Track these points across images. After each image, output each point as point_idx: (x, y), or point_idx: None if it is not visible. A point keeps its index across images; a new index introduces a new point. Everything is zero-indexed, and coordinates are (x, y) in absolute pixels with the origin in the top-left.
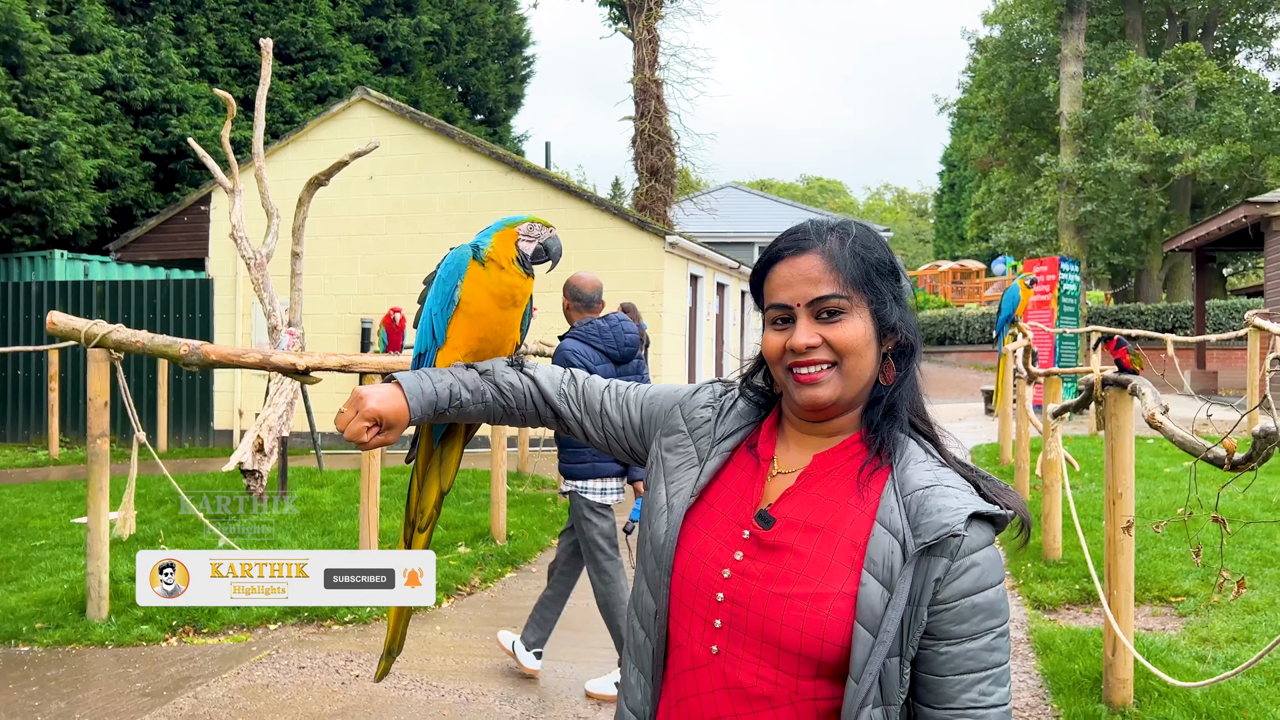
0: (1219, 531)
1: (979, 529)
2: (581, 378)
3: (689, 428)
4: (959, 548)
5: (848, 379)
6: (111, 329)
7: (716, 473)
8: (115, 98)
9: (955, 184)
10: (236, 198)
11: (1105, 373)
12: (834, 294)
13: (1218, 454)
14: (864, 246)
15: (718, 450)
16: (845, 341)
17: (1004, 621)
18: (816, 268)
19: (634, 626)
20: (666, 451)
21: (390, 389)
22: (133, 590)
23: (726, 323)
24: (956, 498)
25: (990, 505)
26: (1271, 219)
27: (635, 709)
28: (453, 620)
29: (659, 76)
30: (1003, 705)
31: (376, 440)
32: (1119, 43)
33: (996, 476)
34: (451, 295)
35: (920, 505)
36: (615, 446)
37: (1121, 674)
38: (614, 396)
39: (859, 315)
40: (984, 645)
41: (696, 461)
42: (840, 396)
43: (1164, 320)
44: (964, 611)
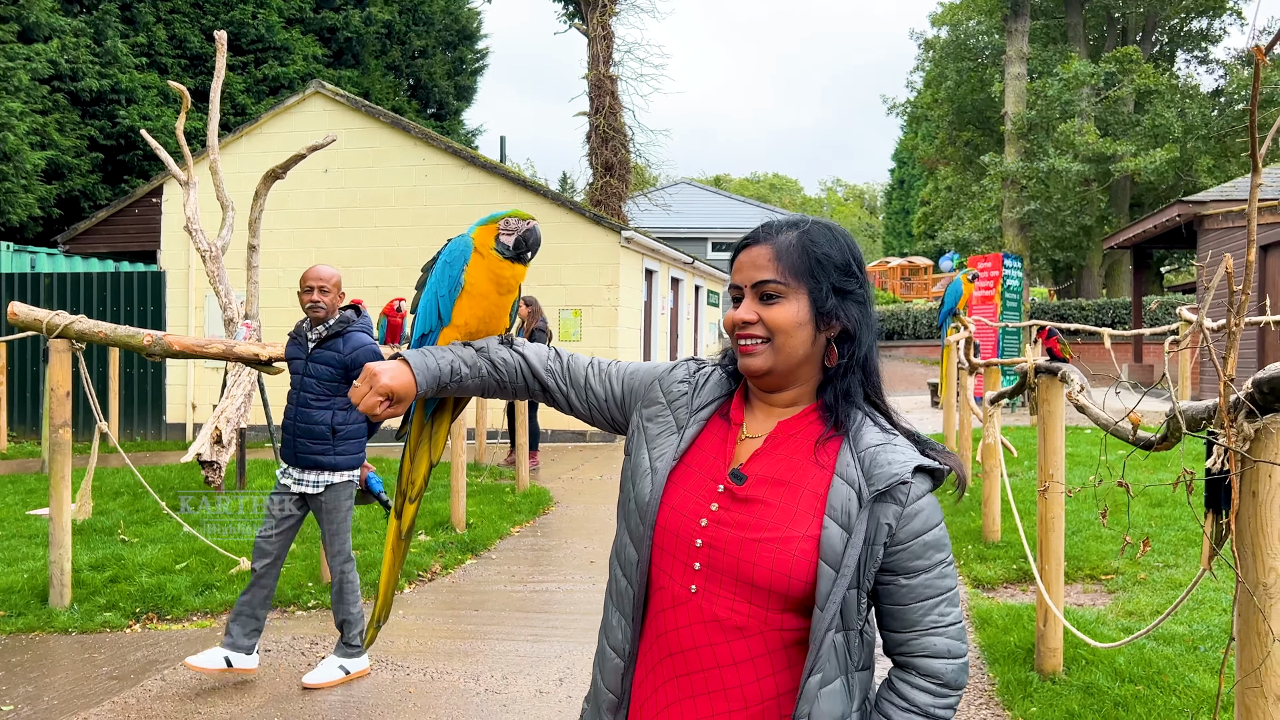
0: (1147, 514)
1: (922, 479)
2: (566, 355)
3: (667, 399)
4: (908, 495)
5: (778, 354)
6: (74, 319)
7: (694, 438)
8: (63, 88)
9: (905, 180)
10: (191, 190)
11: (1038, 361)
12: (772, 279)
13: (1124, 428)
14: (812, 241)
15: (695, 419)
16: (776, 321)
17: (949, 554)
18: (764, 256)
19: (616, 575)
20: (647, 421)
21: (399, 365)
22: (94, 579)
23: (681, 317)
24: (903, 453)
25: (932, 460)
26: (1204, 218)
27: (616, 646)
28: (415, 605)
29: (614, 73)
30: (958, 623)
31: (387, 413)
32: (1061, 45)
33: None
34: (458, 279)
35: (873, 459)
36: (598, 417)
37: (1052, 643)
38: (597, 372)
39: (795, 301)
40: (937, 574)
41: (675, 429)
42: (772, 367)
43: (1104, 316)
44: (917, 549)
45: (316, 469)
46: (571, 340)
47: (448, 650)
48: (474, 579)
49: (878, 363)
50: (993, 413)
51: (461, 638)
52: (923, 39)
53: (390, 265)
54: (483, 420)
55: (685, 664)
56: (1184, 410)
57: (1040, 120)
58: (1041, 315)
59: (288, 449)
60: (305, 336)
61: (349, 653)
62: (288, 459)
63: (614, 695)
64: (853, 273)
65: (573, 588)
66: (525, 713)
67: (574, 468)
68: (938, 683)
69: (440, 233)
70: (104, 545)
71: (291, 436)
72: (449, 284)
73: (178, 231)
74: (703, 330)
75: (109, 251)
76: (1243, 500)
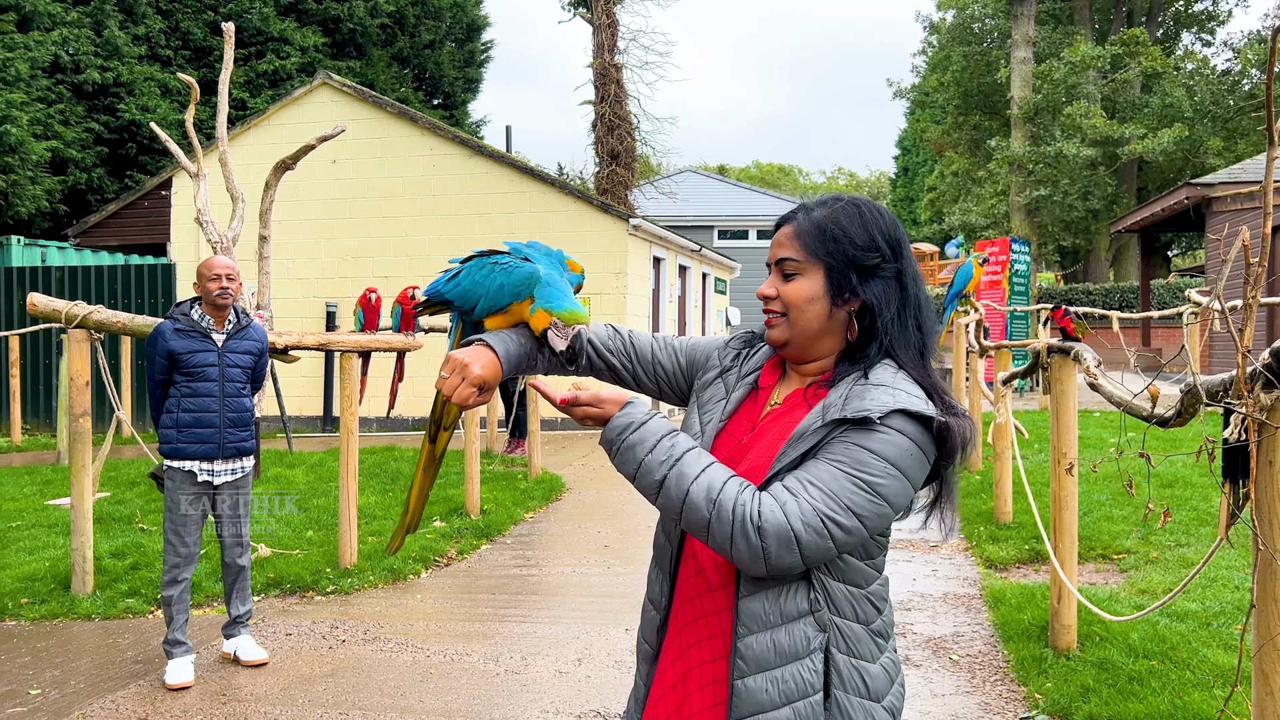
0: (1159, 495)
1: (905, 423)
2: (625, 331)
3: (721, 367)
4: (875, 428)
5: (794, 327)
6: (92, 309)
7: (740, 401)
8: (65, 80)
9: (909, 168)
10: (201, 182)
11: (1051, 341)
12: (788, 257)
13: (1138, 405)
14: (833, 220)
15: (741, 383)
16: (789, 296)
17: (874, 476)
18: (786, 235)
19: (659, 533)
20: (702, 389)
21: (486, 355)
22: (115, 566)
23: (689, 304)
24: (893, 395)
25: (920, 407)
26: (1212, 200)
27: (654, 599)
28: (432, 589)
29: (619, 61)
30: (819, 515)
31: (477, 401)
32: (1067, 28)
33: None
34: (504, 305)
35: (859, 392)
36: (665, 391)
37: (1066, 620)
38: (663, 346)
39: (810, 277)
40: (848, 465)
41: (724, 394)
42: (789, 339)
43: (1111, 300)
44: (842, 444)
45: (240, 456)
46: None
47: (466, 633)
48: (489, 564)
49: (919, 335)
50: (1004, 394)
51: (480, 620)
52: (928, 22)
53: (399, 255)
54: (493, 408)
55: (708, 628)
56: (1202, 383)
57: (1046, 104)
58: (1048, 300)
59: (209, 444)
60: (205, 328)
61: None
62: (206, 454)
63: (650, 646)
64: (876, 248)
65: (587, 571)
66: (545, 692)
67: (584, 455)
68: (755, 515)
69: (449, 222)
70: (123, 534)
71: (218, 429)
72: (493, 301)
73: (188, 224)
74: (710, 317)
75: (119, 244)
76: (1260, 468)
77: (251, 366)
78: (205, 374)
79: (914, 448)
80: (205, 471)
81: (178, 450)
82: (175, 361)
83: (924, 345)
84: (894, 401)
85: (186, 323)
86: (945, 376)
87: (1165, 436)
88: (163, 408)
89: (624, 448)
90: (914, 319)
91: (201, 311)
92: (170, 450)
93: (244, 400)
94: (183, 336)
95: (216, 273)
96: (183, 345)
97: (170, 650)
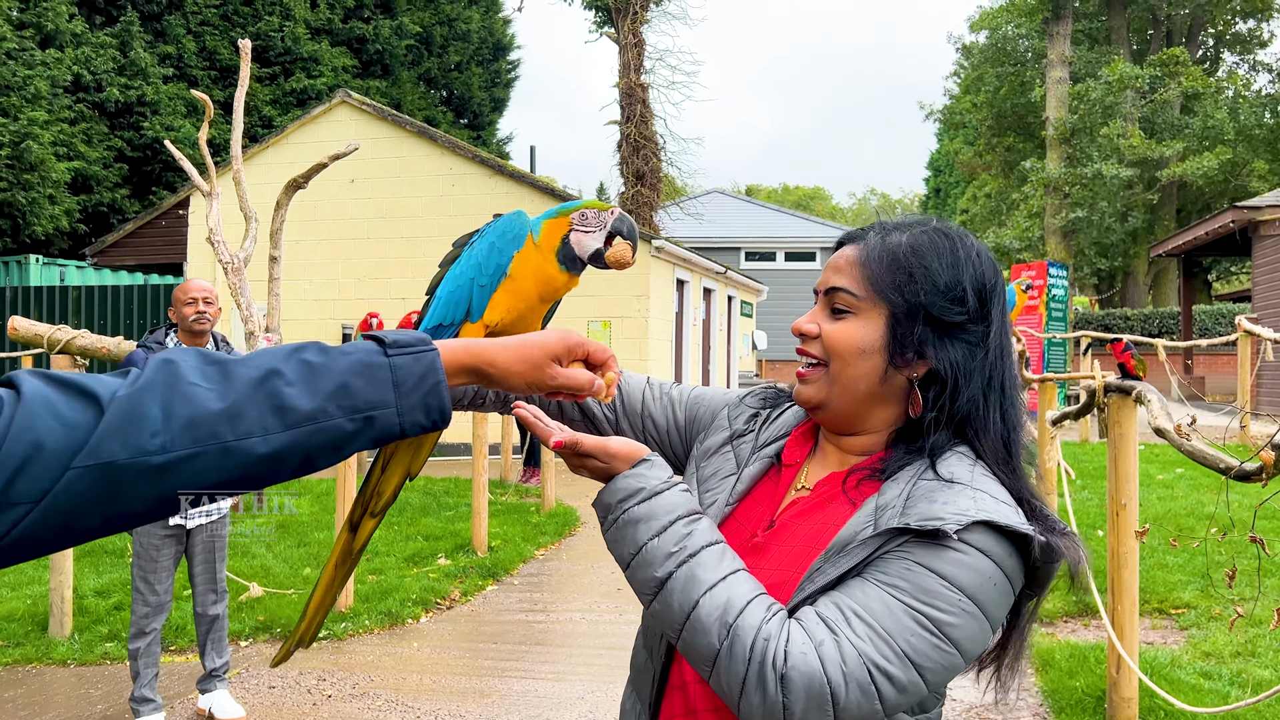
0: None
1: (989, 540)
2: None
3: (732, 432)
4: (945, 544)
5: (834, 385)
6: (76, 334)
7: (756, 480)
8: (87, 99)
9: (940, 189)
10: (214, 201)
11: (1108, 378)
12: (842, 287)
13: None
14: (913, 250)
15: (759, 456)
16: (833, 340)
17: (944, 612)
18: (847, 258)
19: (639, 646)
20: (704, 458)
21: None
22: (98, 606)
23: (713, 328)
24: (975, 500)
25: (1014, 523)
26: (1259, 223)
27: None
28: (431, 636)
29: (644, 81)
30: (873, 668)
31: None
32: (1104, 48)
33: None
34: (505, 266)
35: (927, 493)
36: (654, 449)
37: (1126, 693)
38: (657, 395)
39: (866, 320)
40: (907, 599)
41: (734, 469)
42: (826, 402)
43: (1150, 325)
44: (902, 565)
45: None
46: None
47: (463, 689)
48: (494, 607)
49: (1001, 424)
50: (1054, 434)
51: (478, 674)
52: (960, 43)
53: (416, 276)
54: (508, 434)
55: None
56: None
57: (1083, 124)
58: (1085, 325)
59: None
60: None
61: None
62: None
63: None
64: (962, 299)
65: (598, 618)
66: None
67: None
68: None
69: None
70: (112, 568)
71: None
72: (492, 269)
73: (203, 244)
74: (735, 342)
75: (136, 264)
76: None
77: None
78: None
79: (998, 575)
80: (178, 515)
81: None
82: None
83: (1009, 435)
84: (976, 509)
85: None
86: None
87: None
88: None
89: (623, 522)
90: (999, 400)
91: (177, 339)
92: None
93: None
94: None
95: (192, 296)
96: None
97: (137, 709)
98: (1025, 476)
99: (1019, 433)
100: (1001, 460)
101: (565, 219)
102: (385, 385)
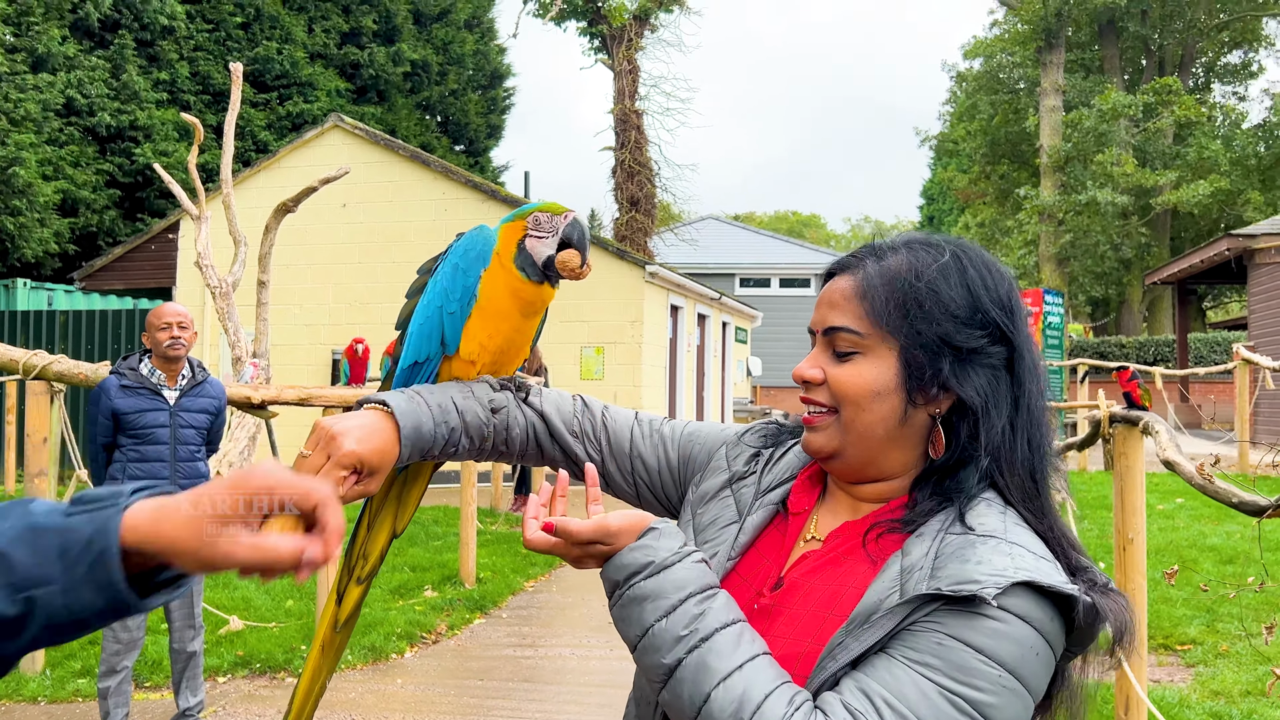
0: (1217, 572)
1: (1028, 603)
2: (598, 406)
3: (731, 475)
4: (983, 610)
5: (847, 433)
6: (52, 360)
7: (760, 530)
8: (78, 123)
9: (934, 217)
10: (203, 225)
11: (1113, 408)
12: (844, 327)
13: (1228, 492)
14: (916, 274)
15: (763, 502)
16: (840, 386)
17: (983, 692)
18: (843, 292)
19: (630, 712)
20: (700, 503)
21: (372, 421)
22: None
23: (708, 354)
24: (1012, 557)
25: (1057, 583)
26: (1255, 251)
27: None
28: (415, 672)
29: (639, 107)
30: None
31: (355, 492)
32: (1098, 77)
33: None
34: (473, 289)
35: (957, 551)
36: (646, 495)
37: None
38: (647, 433)
39: (877, 359)
40: (938, 682)
41: (735, 517)
42: (839, 451)
43: (1145, 353)
44: (928, 640)
45: None
46: (594, 379)
47: None
48: (482, 641)
49: (1029, 453)
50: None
51: (464, 713)
52: (954, 71)
53: None
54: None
55: None
56: None
57: (1077, 152)
58: (1080, 353)
59: None
60: (155, 384)
61: None
62: None
63: None
64: (983, 323)
65: (588, 653)
66: None
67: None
68: None
69: None
70: None
71: None
72: (459, 293)
73: (192, 268)
74: (730, 368)
75: (125, 288)
76: None
77: (208, 427)
78: (154, 436)
79: (1040, 643)
80: None
81: None
82: (120, 422)
83: (1035, 468)
84: (1014, 568)
85: (134, 378)
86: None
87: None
88: (106, 474)
89: (628, 599)
90: (1026, 429)
91: (151, 365)
92: None
93: (198, 465)
94: (129, 394)
95: (166, 321)
96: (129, 404)
97: None
98: (1056, 515)
99: (1047, 461)
100: (1029, 496)
101: (520, 223)
102: (50, 555)
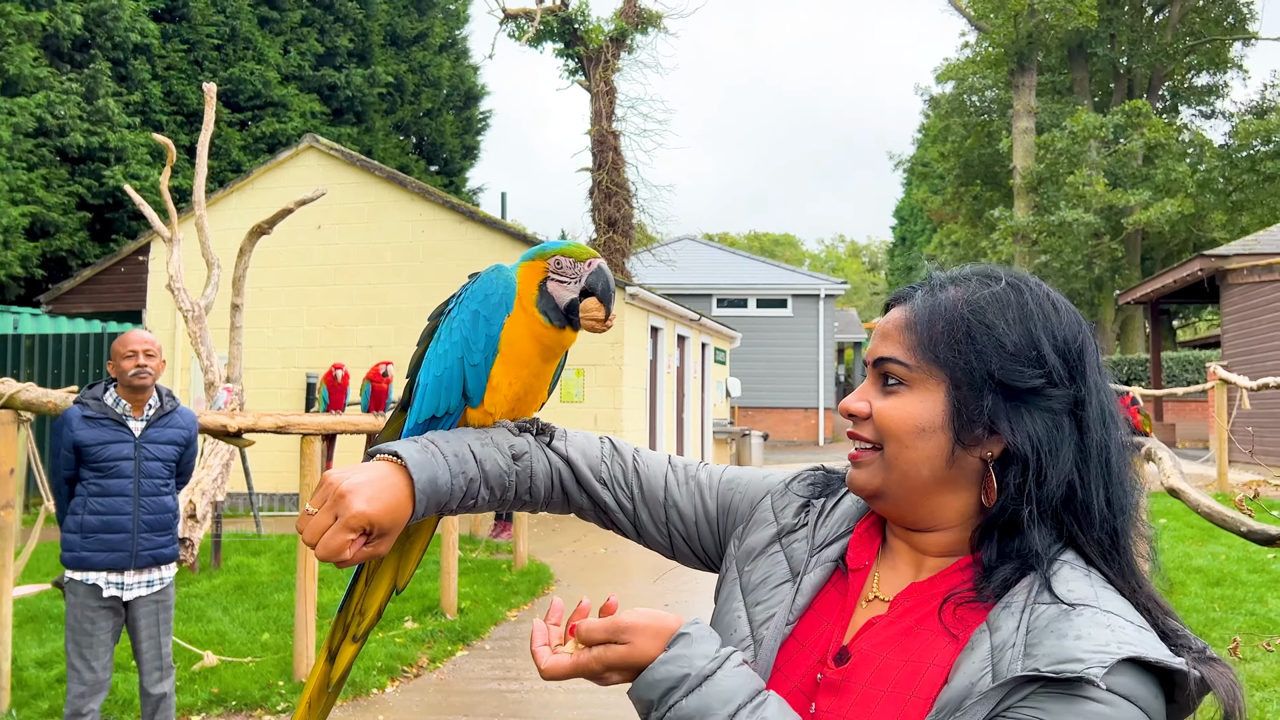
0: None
1: (1133, 681)
2: (629, 451)
3: (780, 528)
4: (1090, 694)
5: (891, 470)
6: (20, 388)
7: (818, 589)
8: (49, 144)
9: (906, 238)
10: (175, 247)
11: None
12: (891, 357)
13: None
14: (970, 307)
15: (819, 560)
16: (885, 419)
17: None
18: (895, 322)
19: None
20: (747, 559)
21: (383, 475)
22: (38, 679)
23: (687, 375)
24: (1111, 629)
25: (1164, 654)
26: (1227, 272)
27: None
28: (397, 708)
29: (616, 128)
30: None
31: (363, 554)
32: (1068, 99)
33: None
34: (496, 338)
35: (1050, 625)
36: (681, 547)
37: None
38: (682, 480)
39: (923, 393)
40: None
41: (788, 575)
42: (882, 489)
43: (1119, 373)
44: None
45: (157, 565)
46: (574, 402)
47: None
48: (464, 674)
49: (1109, 511)
50: None
51: None
52: (928, 94)
53: (384, 324)
54: None
55: None
56: None
57: (1049, 173)
58: None
59: (119, 551)
60: (120, 415)
61: None
62: (116, 564)
63: None
64: (1039, 359)
65: (575, 686)
66: None
67: (576, 539)
68: None
69: (437, 291)
70: (56, 635)
71: (131, 534)
72: (484, 346)
73: (164, 291)
74: (709, 389)
75: (94, 311)
76: None
77: (176, 459)
78: (118, 469)
79: None
80: (114, 585)
81: (81, 560)
82: (83, 455)
83: (1118, 525)
84: (1116, 643)
85: (97, 408)
86: None
87: (1201, 525)
88: (68, 508)
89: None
90: (1103, 485)
91: (116, 395)
92: (72, 559)
93: (165, 499)
94: (92, 425)
95: (132, 349)
96: (91, 435)
97: None
98: (1143, 577)
99: (1130, 521)
100: (1109, 557)
101: (541, 264)
102: None
